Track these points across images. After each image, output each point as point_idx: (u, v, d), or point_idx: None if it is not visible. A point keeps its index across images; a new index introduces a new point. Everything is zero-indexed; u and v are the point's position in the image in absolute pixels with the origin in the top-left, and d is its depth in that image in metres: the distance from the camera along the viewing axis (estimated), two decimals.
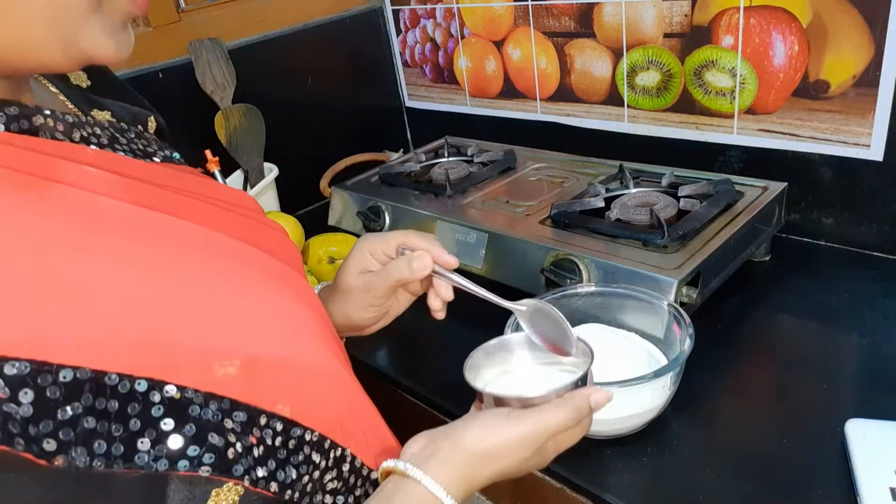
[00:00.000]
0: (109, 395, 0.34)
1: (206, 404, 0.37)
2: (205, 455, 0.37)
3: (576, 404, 0.48)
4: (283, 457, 0.41)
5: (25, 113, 0.40)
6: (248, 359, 0.40)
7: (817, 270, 0.85)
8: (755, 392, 0.68)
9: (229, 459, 0.38)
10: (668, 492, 0.58)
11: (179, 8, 1.12)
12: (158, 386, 0.36)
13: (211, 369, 0.38)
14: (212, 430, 0.37)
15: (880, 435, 0.57)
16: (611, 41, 1.02)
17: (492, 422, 0.47)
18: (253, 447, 0.39)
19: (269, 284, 0.46)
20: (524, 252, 0.82)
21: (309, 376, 0.44)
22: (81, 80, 0.53)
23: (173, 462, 0.36)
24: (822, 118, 0.84)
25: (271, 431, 0.41)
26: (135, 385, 0.35)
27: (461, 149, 1.18)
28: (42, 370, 0.32)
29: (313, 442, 0.44)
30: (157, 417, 0.35)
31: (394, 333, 0.89)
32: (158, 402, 0.35)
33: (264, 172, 1.15)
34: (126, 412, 0.34)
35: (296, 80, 1.25)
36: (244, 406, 0.39)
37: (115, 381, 0.34)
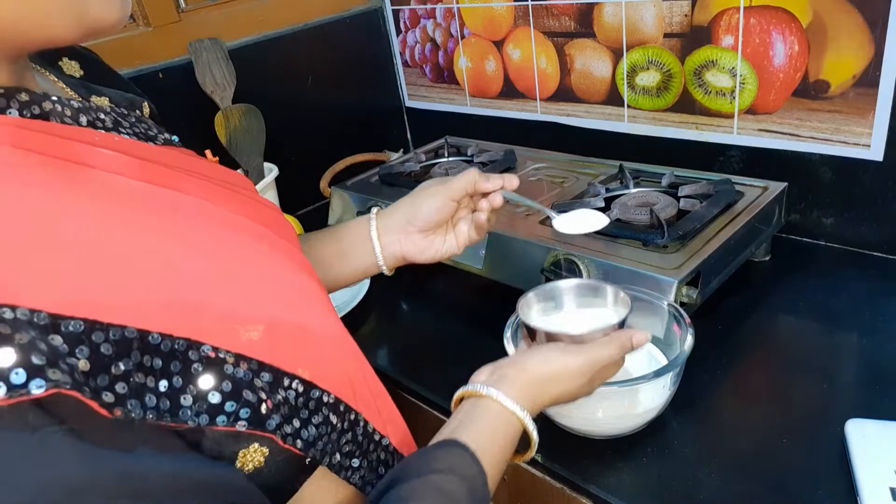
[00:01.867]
0: (154, 353, 0.35)
1: (238, 364, 0.39)
2: (241, 410, 0.38)
3: (620, 342, 0.55)
4: (305, 416, 0.43)
5: (35, 99, 0.41)
6: (270, 324, 0.41)
7: (817, 270, 0.85)
8: (755, 392, 0.68)
9: (263, 415, 0.40)
10: (668, 492, 0.58)
11: (179, 8, 1.12)
12: (195, 346, 0.37)
13: (237, 333, 0.40)
14: (245, 388, 0.39)
15: (880, 435, 0.57)
16: (611, 41, 1.02)
17: (551, 352, 0.54)
18: (280, 405, 0.41)
19: (276, 256, 0.48)
20: (524, 252, 0.82)
21: (322, 341, 0.46)
22: (74, 69, 0.54)
23: (213, 417, 0.37)
24: (822, 118, 0.84)
25: (294, 392, 0.42)
26: (175, 344, 0.36)
27: (461, 149, 1.18)
28: (95, 328, 0.33)
29: (330, 404, 0.45)
30: (195, 375, 0.37)
31: (394, 333, 0.89)
32: (197, 360, 0.37)
33: (264, 172, 1.15)
34: (169, 369, 0.36)
35: (296, 80, 1.25)
36: (269, 367, 0.41)
37: (158, 341, 0.36)
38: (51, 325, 0.32)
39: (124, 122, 0.49)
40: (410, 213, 0.68)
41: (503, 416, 0.50)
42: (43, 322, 0.32)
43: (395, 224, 0.69)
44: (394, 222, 0.69)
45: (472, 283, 0.89)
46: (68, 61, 0.54)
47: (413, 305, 0.92)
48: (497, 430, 0.50)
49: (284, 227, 0.56)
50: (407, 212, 0.68)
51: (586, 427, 0.63)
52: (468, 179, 0.67)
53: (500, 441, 0.50)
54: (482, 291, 0.90)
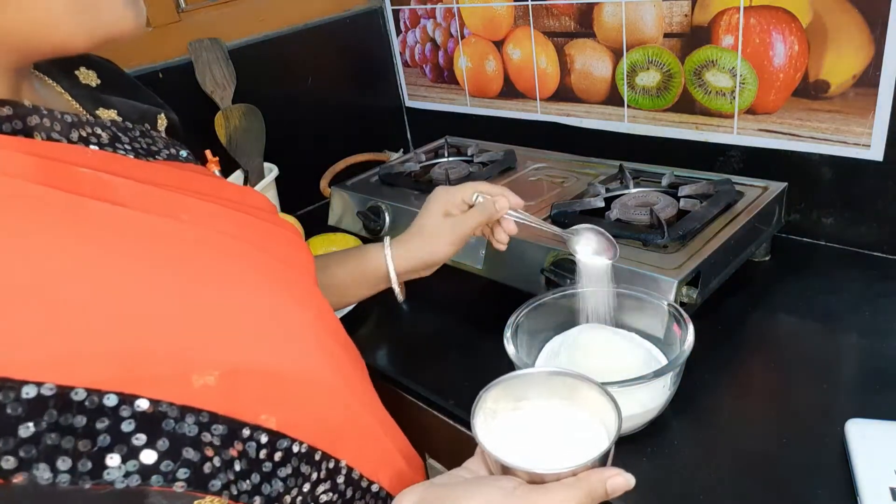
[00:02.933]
0: (76, 411, 0.33)
1: (182, 418, 0.36)
2: (179, 470, 0.35)
3: (590, 488, 0.42)
4: (269, 470, 0.40)
5: (19, 113, 0.39)
6: (228, 369, 0.38)
7: (817, 270, 0.85)
8: (755, 392, 0.68)
9: (206, 474, 0.37)
10: (668, 492, 0.58)
11: (179, 8, 1.12)
12: (129, 400, 0.34)
13: (188, 380, 0.37)
14: (187, 445, 0.36)
15: (880, 435, 0.57)
16: (611, 41, 1.02)
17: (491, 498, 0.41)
18: (234, 461, 0.38)
19: (263, 286, 0.45)
20: (524, 252, 0.82)
21: (297, 386, 0.43)
22: (91, 78, 0.52)
23: (146, 477, 0.34)
24: (822, 118, 0.84)
25: (255, 444, 0.39)
26: (103, 400, 0.34)
27: (461, 149, 1.18)
28: (3, 387, 0.31)
29: (302, 454, 0.42)
30: (128, 432, 0.34)
31: (394, 333, 0.89)
32: (129, 416, 0.34)
33: (264, 172, 1.15)
34: (94, 427, 0.33)
35: (296, 80, 1.25)
36: (224, 419, 0.38)
37: (83, 397, 0.33)
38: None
39: (124, 136, 0.48)
40: (428, 260, 0.71)
41: None
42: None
43: (412, 269, 0.72)
44: (412, 266, 0.71)
45: (472, 283, 0.89)
46: (85, 70, 0.53)
47: (413, 305, 0.92)
48: None
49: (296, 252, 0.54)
50: (425, 259, 0.71)
51: None
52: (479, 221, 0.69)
53: None
54: (482, 291, 0.90)
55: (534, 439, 0.48)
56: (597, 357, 0.66)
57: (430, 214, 0.71)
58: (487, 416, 0.48)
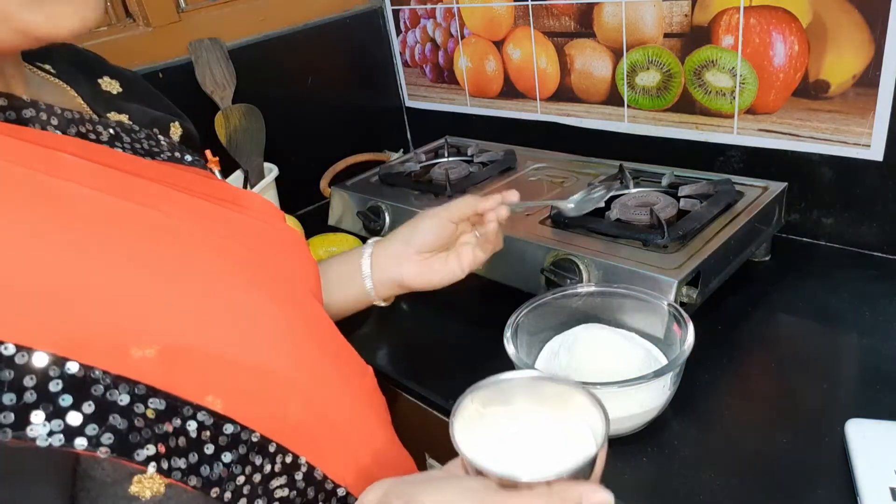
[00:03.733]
0: (4, 365, 0.34)
1: (115, 386, 0.37)
2: (104, 435, 0.36)
3: (562, 499, 0.39)
4: (211, 452, 0.41)
5: (14, 105, 0.41)
6: (168, 346, 0.39)
7: (817, 270, 0.85)
8: (755, 392, 0.68)
9: (131, 443, 0.37)
10: (668, 492, 0.58)
11: (179, 8, 1.12)
12: (60, 362, 0.36)
13: (127, 351, 0.38)
14: (115, 412, 0.37)
15: (880, 435, 0.57)
16: (611, 41, 1.02)
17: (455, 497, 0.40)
18: (169, 436, 0.39)
19: (238, 282, 0.45)
20: (524, 252, 0.82)
21: (249, 374, 0.43)
22: (113, 87, 0.55)
23: (70, 438, 0.35)
24: (822, 118, 0.84)
25: (196, 424, 0.40)
26: (32, 357, 0.35)
27: (461, 149, 1.18)
28: None
29: (252, 442, 0.42)
30: (54, 392, 0.35)
31: (394, 334, 0.89)
32: (58, 377, 0.35)
33: (264, 172, 1.15)
34: (21, 383, 0.34)
35: (296, 80, 1.25)
36: (163, 394, 0.39)
37: (12, 352, 0.34)
38: None
39: (127, 137, 0.49)
40: (408, 235, 0.68)
41: None
42: None
43: (393, 249, 0.69)
44: (392, 248, 0.69)
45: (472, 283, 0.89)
46: (108, 80, 0.55)
47: (413, 305, 0.92)
48: None
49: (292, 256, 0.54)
50: (405, 234, 0.69)
51: None
52: (467, 202, 0.67)
53: None
54: (482, 291, 0.90)
55: (516, 445, 0.46)
56: (597, 357, 0.66)
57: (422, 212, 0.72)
58: (471, 419, 0.46)
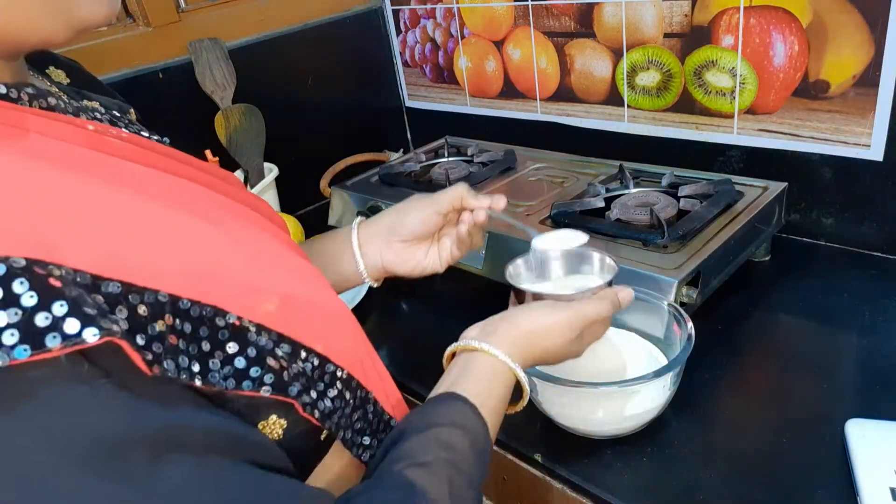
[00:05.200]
0: (184, 318, 0.37)
1: (260, 332, 0.40)
2: (265, 376, 0.40)
3: (609, 298, 0.57)
4: (321, 389, 0.44)
5: (41, 93, 0.42)
6: (284, 297, 0.42)
7: (817, 270, 0.85)
8: (755, 392, 0.68)
9: (285, 381, 0.41)
10: (668, 492, 0.58)
11: (179, 8, 1.12)
12: (221, 313, 0.38)
13: (256, 304, 0.41)
14: (268, 355, 0.40)
15: (880, 435, 0.57)
16: (611, 41, 1.02)
17: (541, 308, 0.56)
18: (300, 376, 0.42)
19: (278, 240, 0.50)
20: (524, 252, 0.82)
21: (333, 318, 0.47)
22: (61, 77, 0.55)
23: (239, 381, 0.39)
24: (822, 118, 0.84)
25: (310, 365, 0.43)
26: (203, 311, 0.37)
27: (461, 149, 1.18)
28: (131, 290, 0.34)
29: (343, 379, 0.46)
30: (222, 340, 0.38)
31: (394, 333, 0.89)
32: (223, 326, 0.38)
33: (264, 172, 1.15)
34: (198, 334, 0.37)
35: (296, 80, 1.25)
36: (287, 339, 0.42)
37: (188, 306, 0.37)
38: (91, 284, 0.33)
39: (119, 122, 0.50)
40: (395, 222, 0.68)
41: (497, 368, 0.52)
42: (85, 282, 0.33)
43: (377, 232, 0.69)
44: (376, 230, 0.69)
45: (472, 283, 0.89)
46: (54, 70, 0.55)
47: (413, 305, 0.92)
48: (493, 382, 0.51)
49: (278, 219, 0.58)
50: (392, 220, 0.69)
51: (586, 427, 0.63)
52: (456, 193, 0.67)
53: (496, 392, 0.51)
54: (482, 291, 0.90)
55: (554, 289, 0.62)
56: (597, 357, 0.66)
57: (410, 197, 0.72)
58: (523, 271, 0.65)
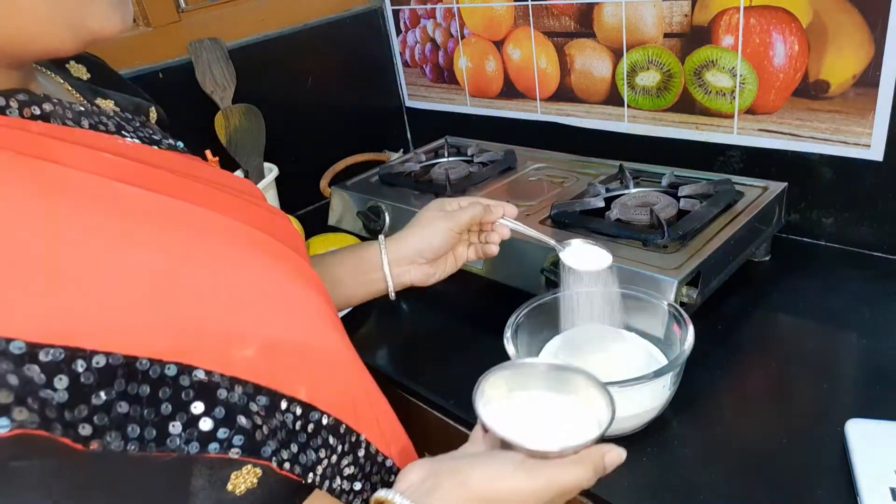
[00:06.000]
0: (141, 380, 0.34)
1: (232, 388, 0.38)
2: (234, 437, 0.37)
3: (593, 463, 0.45)
4: (304, 440, 0.42)
5: (35, 100, 0.40)
6: (266, 342, 0.40)
7: (817, 270, 0.85)
8: (755, 392, 0.68)
9: (258, 441, 0.38)
10: (668, 492, 0.58)
11: (179, 8, 1.12)
12: (187, 370, 0.36)
13: (230, 352, 0.38)
14: (240, 413, 0.38)
15: (880, 435, 0.57)
16: (611, 41, 1.02)
17: (502, 468, 0.43)
18: (278, 430, 0.40)
19: (280, 269, 0.46)
20: (524, 252, 0.82)
21: (323, 360, 0.44)
22: (81, 72, 0.53)
23: (204, 445, 0.36)
24: (822, 118, 0.84)
25: (292, 415, 0.41)
26: (165, 370, 0.35)
27: (461, 149, 1.18)
28: (76, 356, 0.32)
29: (329, 426, 0.44)
30: (186, 401, 0.36)
31: (394, 333, 0.89)
32: (188, 385, 0.36)
33: (264, 172, 1.15)
34: (157, 396, 0.34)
35: (296, 80, 1.25)
36: (266, 390, 0.39)
37: (147, 366, 0.34)
38: (27, 354, 0.30)
39: (128, 126, 0.49)
40: (422, 248, 0.71)
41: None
42: (19, 352, 0.30)
43: (405, 255, 0.72)
44: (405, 253, 0.72)
45: (472, 283, 0.89)
46: (75, 64, 0.54)
47: (413, 305, 0.92)
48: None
49: (292, 237, 0.55)
50: (418, 247, 0.71)
51: None
52: (474, 215, 0.70)
53: None
54: (482, 291, 0.90)
55: (529, 424, 0.49)
56: (597, 357, 0.66)
57: (427, 210, 0.74)
58: (487, 401, 0.49)
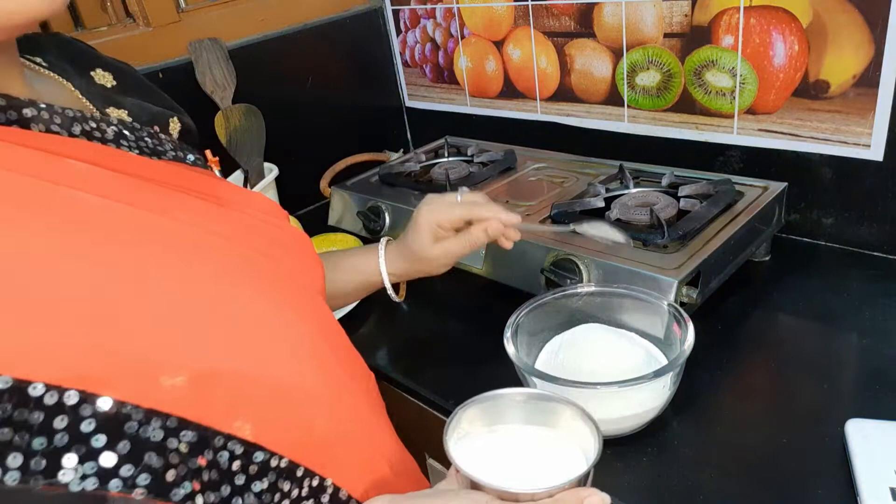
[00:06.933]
0: (33, 406, 0.31)
1: (147, 421, 0.35)
2: (140, 476, 0.34)
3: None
4: (242, 483, 0.38)
5: (13, 104, 0.39)
6: (199, 372, 0.37)
7: (817, 270, 0.85)
8: (755, 392, 0.68)
9: (168, 482, 0.35)
10: (668, 492, 0.58)
11: (179, 8, 1.12)
12: (91, 399, 0.33)
13: (156, 381, 0.35)
14: (150, 450, 0.35)
15: (880, 435, 0.57)
16: (611, 41, 1.02)
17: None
18: (202, 470, 0.36)
19: (261, 294, 0.44)
20: (524, 252, 0.82)
21: (279, 395, 0.41)
22: (107, 80, 0.53)
23: (105, 481, 0.33)
24: (822, 118, 0.84)
25: (228, 454, 0.38)
26: (63, 397, 0.32)
27: (461, 149, 1.18)
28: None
29: (281, 468, 0.40)
30: (87, 433, 0.33)
31: (394, 333, 0.89)
32: (90, 415, 0.33)
33: (264, 172, 1.15)
34: (51, 425, 0.32)
35: (296, 80, 1.25)
36: (194, 425, 0.36)
37: (42, 392, 0.32)
38: None
39: (131, 135, 0.48)
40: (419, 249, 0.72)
41: None
42: None
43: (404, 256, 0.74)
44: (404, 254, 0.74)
45: (472, 283, 0.89)
46: (101, 72, 0.53)
47: (413, 305, 0.92)
48: None
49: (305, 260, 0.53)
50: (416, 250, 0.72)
51: None
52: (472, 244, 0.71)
53: None
54: (482, 291, 0.90)
55: (508, 461, 0.46)
56: (597, 357, 0.66)
57: (420, 236, 0.71)
58: (461, 436, 0.47)
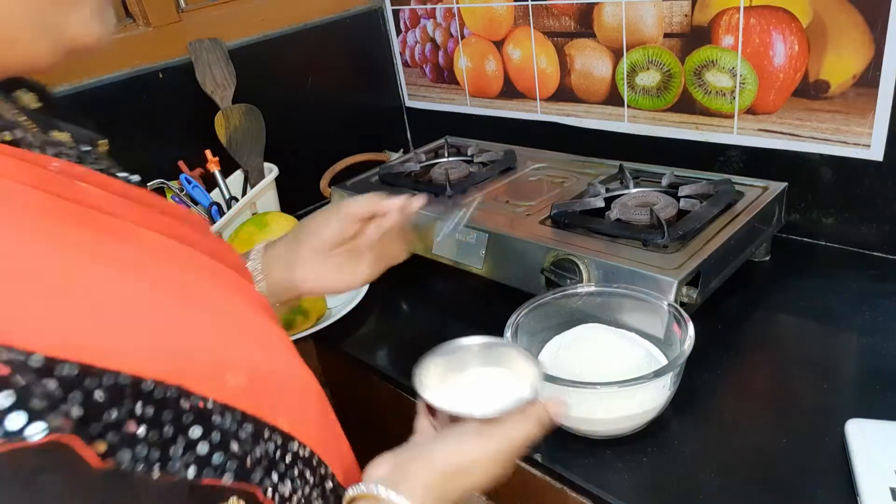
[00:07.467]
0: (146, 401, 0.34)
1: (223, 414, 0.37)
2: (228, 462, 0.37)
3: (538, 417, 0.49)
4: (283, 471, 0.41)
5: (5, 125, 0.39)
6: (253, 369, 0.40)
7: (817, 270, 0.85)
8: (755, 392, 0.68)
9: (247, 468, 0.38)
10: (668, 492, 0.58)
11: (179, 8, 1.12)
12: (186, 394, 0.35)
13: (223, 379, 0.38)
14: (232, 439, 0.37)
15: (880, 435, 0.57)
16: (611, 41, 1.02)
17: (462, 439, 0.48)
18: (262, 458, 0.39)
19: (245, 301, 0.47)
20: (524, 252, 0.82)
21: (297, 391, 0.44)
22: (32, 101, 0.50)
23: (201, 469, 0.35)
24: (822, 118, 0.84)
25: (273, 445, 0.40)
26: (167, 392, 0.35)
27: (461, 149, 1.18)
28: (89, 373, 0.32)
29: (305, 458, 0.43)
30: (186, 424, 0.35)
31: (394, 333, 0.89)
32: (188, 409, 0.35)
33: (264, 172, 1.15)
34: (161, 418, 0.34)
35: (296, 80, 1.25)
36: (251, 418, 0.39)
37: (151, 388, 0.34)
38: (45, 367, 0.30)
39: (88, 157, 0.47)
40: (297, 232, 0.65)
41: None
42: (37, 365, 0.30)
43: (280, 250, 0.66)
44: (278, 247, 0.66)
45: (472, 283, 0.89)
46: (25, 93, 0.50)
47: (413, 305, 0.92)
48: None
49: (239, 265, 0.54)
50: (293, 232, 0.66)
51: (586, 427, 0.63)
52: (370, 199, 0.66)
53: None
54: (482, 291, 0.90)
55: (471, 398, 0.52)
56: (597, 357, 0.66)
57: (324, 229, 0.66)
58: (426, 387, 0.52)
